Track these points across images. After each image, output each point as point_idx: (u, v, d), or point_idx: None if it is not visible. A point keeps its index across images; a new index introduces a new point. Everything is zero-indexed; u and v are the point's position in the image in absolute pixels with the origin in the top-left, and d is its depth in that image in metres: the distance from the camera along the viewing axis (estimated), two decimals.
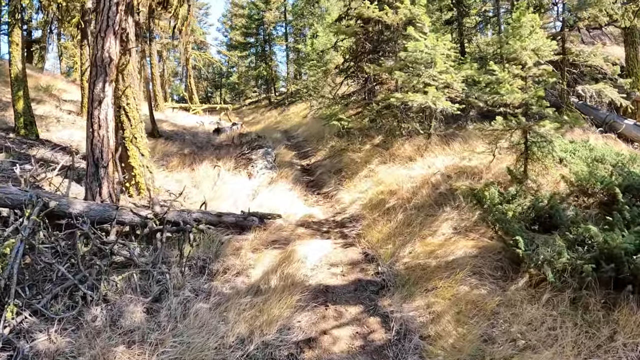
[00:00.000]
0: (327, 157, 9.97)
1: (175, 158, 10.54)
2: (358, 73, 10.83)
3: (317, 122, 16.45)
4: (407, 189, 6.61)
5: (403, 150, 8.53)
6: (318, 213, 6.67)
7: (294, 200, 6.94)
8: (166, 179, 8.55)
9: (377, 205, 6.37)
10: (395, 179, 7.09)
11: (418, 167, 7.52)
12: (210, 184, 7.85)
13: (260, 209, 6.37)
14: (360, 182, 7.52)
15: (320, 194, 7.88)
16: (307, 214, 6.33)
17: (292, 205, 6.63)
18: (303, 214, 6.33)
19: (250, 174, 7.95)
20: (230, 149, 11.96)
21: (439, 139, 8.80)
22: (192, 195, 7.55)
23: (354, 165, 8.44)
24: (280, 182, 7.61)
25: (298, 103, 25.15)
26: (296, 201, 6.92)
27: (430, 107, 8.07)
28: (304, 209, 6.72)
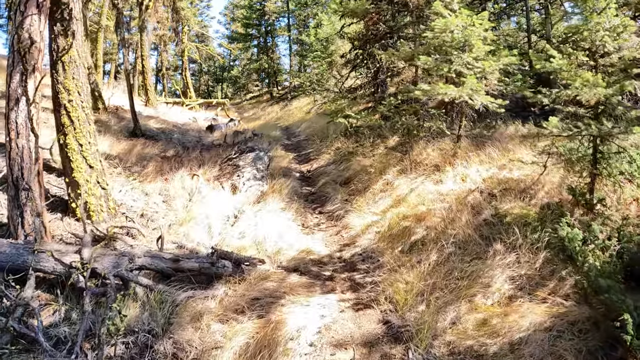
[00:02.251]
0: (331, 162, 8.29)
1: (153, 163, 8.90)
2: (368, 61, 9.11)
3: (321, 118, 14.76)
4: (439, 212, 4.92)
5: (426, 156, 6.82)
6: (319, 245, 4.99)
7: (288, 225, 5.28)
8: (132, 192, 6.91)
9: (399, 236, 4.68)
10: (420, 197, 5.41)
11: (449, 180, 5.82)
12: (184, 200, 6.21)
13: (241, 240, 4.73)
14: (374, 199, 5.84)
15: (323, 213, 6.20)
16: (304, 249, 4.65)
17: (284, 233, 4.97)
18: (298, 248, 4.66)
19: (234, 186, 6.31)
20: (220, 151, 10.30)
21: (468, 143, 7.09)
22: (159, 216, 5.92)
23: (366, 174, 6.75)
24: (271, 198, 5.95)
25: (301, 97, 23.55)
26: (290, 227, 5.25)
27: (463, 102, 6.35)
28: (301, 238, 5.05)
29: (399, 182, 5.91)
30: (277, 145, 11.02)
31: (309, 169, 8.68)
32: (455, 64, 5.98)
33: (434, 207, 5.05)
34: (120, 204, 6.38)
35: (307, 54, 23.00)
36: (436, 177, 5.97)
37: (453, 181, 5.86)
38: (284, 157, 9.17)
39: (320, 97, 19.30)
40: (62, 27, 5.53)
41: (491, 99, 5.83)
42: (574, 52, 4.93)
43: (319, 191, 7.03)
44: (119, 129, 12.19)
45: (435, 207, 5.07)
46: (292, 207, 5.86)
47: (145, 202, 6.56)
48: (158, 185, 7.18)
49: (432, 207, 5.05)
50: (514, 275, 3.92)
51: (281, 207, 5.68)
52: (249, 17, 31.75)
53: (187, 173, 7.15)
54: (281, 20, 33.26)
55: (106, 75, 37.28)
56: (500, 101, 5.92)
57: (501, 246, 4.39)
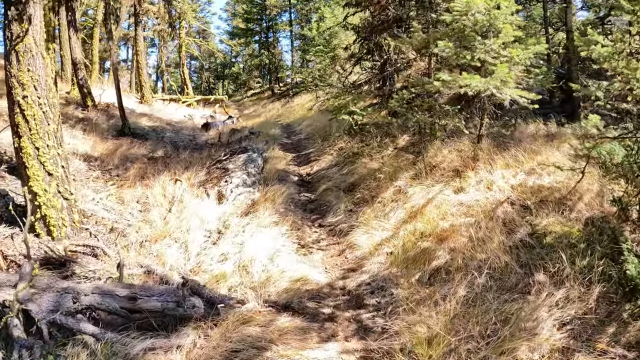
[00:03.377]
0: (334, 164, 7.42)
1: (137, 165, 8.07)
2: (375, 52, 8.22)
3: (323, 115, 13.87)
4: (464, 229, 4.06)
5: (442, 159, 5.95)
6: (318, 271, 4.12)
7: (281, 243, 4.41)
8: (107, 200, 6.08)
9: (416, 261, 3.82)
10: (440, 209, 4.55)
11: (471, 188, 4.95)
12: (164, 210, 5.38)
13: (222, 264, 3.89)
14: (384, 211, 4.97)
15: (324, 226, 5.34)
16: (299, 277, 3.77)
17: (276, 254, 4.11)
18: (292, 275, 3.78)
19: (221, 194, 5.45)
20: (212, 151, 9.46)
21: (489, 143, 6.22)
22: (132, 230, 5.08)
23: (373, 180, 5.87)
24: (263, 208, 5.08)
25: (303, 94, 22.69)
26: (284, 245, 4.38)
27: (486, 96, 5.47)
28: (296, 261, 4.18)
29: (413, 190, 5.03)
30: (275, 144, 10.16)
31: (308, 171, 7.81)
32: (479, 52, 5.08)
33: (458, 223, 4.18)
34: (89, 215, 5.55)
35: (309, 48, 22.09)
36: (456, 184, 5.10)
37: (476, 189, 4.98)
38: (281, 159, 8.31)
39: (322, 93, 18.42)
40: (17, 10, 4.68)
41: (521, 93, 4.94)
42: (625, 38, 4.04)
43: (320, 199, 6.15)
44: (106, 127, 11.37)
45: (458, 222, 4.20)
46: (287, 219, 4.99)
47: (119, 212, 5.73)
48: (137, 192, 6.35)
49: (455, 223, 4.18)
50: (564, 317, 3.06)
51: (273, 220, 4.80)
52: (250, 12, 30.89)
53: (170, 177, 6.30)
54: (283, 15, 32.41)
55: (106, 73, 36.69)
56: (533, 95, 5.03)
57: (544, 276, 3.53)
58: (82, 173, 7.50)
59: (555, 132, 7.12)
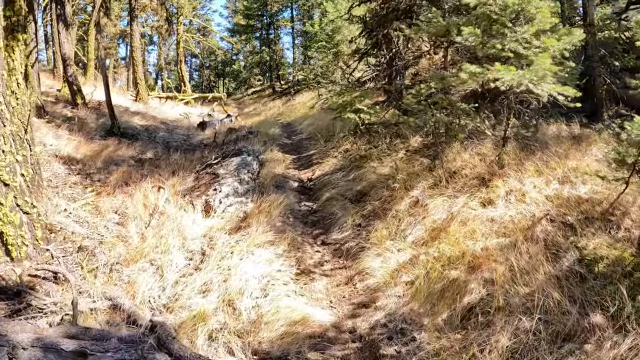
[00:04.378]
0: (338, 169, 6.67)
1: (122, 169, 7.36)
2: (383, 45, 7.47)
3: (325, 114, 13.12)
4: (498, 253, 3.32)
5: (463, 164, 5.20)
6: (320, 307, 3.37)
7: (277, 267, 3.66)
8: (82, 210, 5.36)
9: (443, 295, 3.08)
10: (467, 227, 3.81)
11: (501, 200, 4.20)
12: (142, 224, 4.66)
13: (204, 297, 3.16)
14: (399, 227, 4.22)
15: (328, 244, 4.59)
16: (298, 319, 3.02)
17: (270, 283, 3.38)
18: (289, 315, 3.04)
19: (208, 205, 4.72)
20: (205, 152, 8.75)
21: (514, 146, 5.50)
22: (104, 248, 4.36)
23: (385, 188, 5.11)
24: (257, 223, 4.32)
25: (304, 92, 21.97)
26: (280, 271, 3.63)
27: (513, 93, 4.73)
28: (294, 292, 3.42)
29: (433, 203, 4.28)
30: (274, 145, 9.42)
31: (310, 176, 7.06)
32: (508, 41, 4.33)
33: (491, 245, 3.44)
34: (58, 229, 4.82)
35: (310, 44, 21.35)
36: (483, 195, 4.35)
37: (507, 201, 4.24)
38: (280, 161, 7.57)
39: (325, 90, 17.71)
40: None
41: (562, 89, 4.19)
42: None
43: (323, 209, 5.40)
44: (95, 126, 10.66)
45: (492, 244, 3.46)
46: (284, 237, 4.23)
47: (93, 225, 5.00)
48: (117, 201, 5.62)
49: (487, 246, 3.44)
50: None
51: (268, 239, 4.06)
52: (250, 8, 30.08)
53: (154, 184, 5.58)
54: (284, 11, 31.63)
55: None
56: (573, 92, 4.27)
57: (603, 318, 2.79)
58: (61, 178, 6.79)
59: (579, 133, 6.41)
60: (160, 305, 3.25)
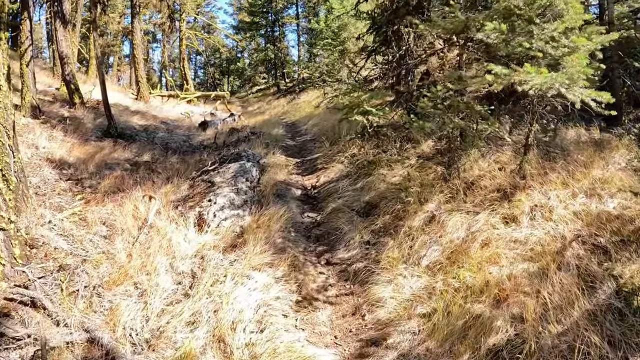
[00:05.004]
0: (344, 175, 6.23)
1: (115, 174, 6.98)
2: (392, 41, 7.01)
3: (331, 113, 12.68)
4: (526, 282, 2.89)
5: (481, 173, 4.76)
6: (324, 344, 2.94)
7: (275, 293, 3.23)
8: (68, 221, 4.98)
9: (465, 334, 2.65)
10: (489, 249, 3.37)
11: (525, 217, 3.76)
12: (131, 239, 4.26)
13: (191, 330, 2.75)
14: (412, 246, 3.78)
15: (333, 264, 4.14)
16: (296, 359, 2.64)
17: (267, 314, 2.96)
18: (288, 354, 2.63)
19: (201, 218, 4.31)
20: (204, 155, 8.35)
21: (535, 153, 5.06)
22: (88, 267, 3.97)
23: (397, 200, 4.66)
24: (253, 240, 3.88)
25: (310, 90, 21.54)
26: (279, 299, 3.20)
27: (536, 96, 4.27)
28: (293, 325, 3.01)
29: (449, 219, 3.84)
30: (277, 148, 8.99)
31: (314, 183, 6.62)
32: (537, 39, 3.87)
33: (517, 272, 3.01)
34: (40, 244, 4.45)
35: (316, 41, 20.87)
36: (505, 210, 3.91)
37: (532, 218, 3.79)
38: (282, 166, 7.14)
39: (330, 89, 17.27)
40: None
41: (596, 94, 3.73)
42: None
43: (328, 222, 4.95)
44: (92, 127, 10.28)
45: (518, 271, 3.02)
46: (284, 257, 3.80)
47: (78, 239, 4.61)
48: (105, 211, 5.23)
49: (513, 273, 3.01)
50: None
51: (266, 261, 3.63)
52: (255, 5, 29.63)
53: (145, 193, 5.19)
54: (289, 8, 31.15)
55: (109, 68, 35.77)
56: (607, 97, 3.81)
57: None
58: (50, 184, 6.41)
59: (599, 138, 5.96)
60: (143, 340, 2.85)
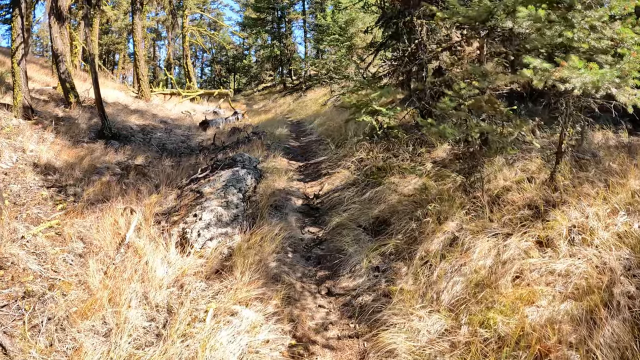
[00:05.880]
0: (351, 183, 5.63)
1: (103, 179, 6.46)
2: (404, 34, 6.39)
3: (338, 112, 12.09)
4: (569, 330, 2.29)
5: (506, 184, 4.15)
6: None
7: (265, 335, 2.66)
8: (43, 237, 4.46)
9: None
10: (523, 284, 2.77)
11: (563, 242, 3.15)
12: (107, 259, 3.73)
13: None
14: (429, 275, 3.17)
15: (335, 295, 3.50)
16: None
17: None
18: None
19: (184, 237, 3.74)
20: (201, 158, 7.81)
21: (567, 162, 4.46)
22: (55, 293, 3.45)
23: (410, 217, 4.04)
24: (242, 266, 3.28)
25: (316, 88, 20.98)
26: (270, 339, 2.65)
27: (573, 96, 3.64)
28: None
29: (474, 243, 3.24)
30: (279, 149, 8.41)
31: (317, 191, 6.00)
32: (579, 28, 3.24)
33: (558, 315, 2.41)
34: (9, 264, 3.94)
35: (323, 37, 20.26)
36: (537, 231, 3.29)
37: (570, 242, 3.18)
38: (283, 171, 6.53)
39: (337, 86, 16.69)
40: None
41: None
42: None
43: (331, 239, 4.33)
44: (86, 127, 9.78)
45: (559, 313, 2.43)
46: (278, 288, 3.21)
47: (51, 258, 4.08)
48: (86, 224, 4.70)
49: (553, 316, 2.41)
50: None
51: (256, 293, 3.04)
52: (261, 0, 29.00)
53: (127, 205, 4.65)
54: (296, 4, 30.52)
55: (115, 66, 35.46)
56: None
57: None
58: (31, 192, 5.90)
59: (629, 142, 5.33)
60: None
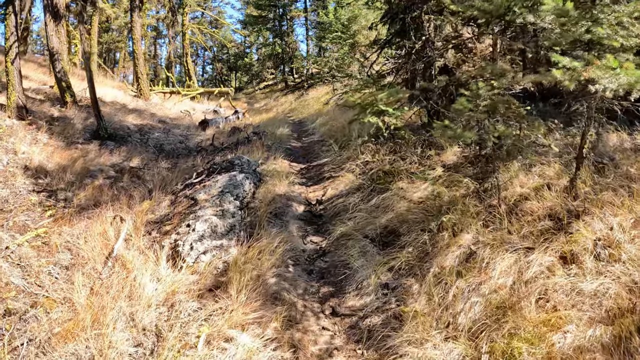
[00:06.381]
0: (356, 188, 5.32)
1: (96, 183, 6.19)
2: (410, 30, 6.08)
3: (340, 111, 11.78)
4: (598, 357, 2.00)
5: (523, 191, 3.85)
6: None
7: None
8: (29, 247, 4.20)
9: None
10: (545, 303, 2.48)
11: (588, 258, 2.85)
12: (94, 272, 3.46)
13: None
14: (447, 299, 2.87)
15: (341, 315, 3.14)
16: None
17: None
18: None
19: (175, 250, 3.45)
20: (198, 160, 7.53)
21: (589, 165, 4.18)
22: (38, 312, 3.18)
23: (421, 225, 3.76)
24: (238, 283, 2.98)
25: (318, 86, 20.67)
26: None
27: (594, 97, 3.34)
28: None
29: (492, 258, 2.95)
30: (280, 151, 8.11)
31: (320, 196, 5.69)
32: (608, 23, 2.94)
33: (587, 343, 2.12)
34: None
35: (325, 34, 19.94)
36: (559, 245, 3.00)
37: (595, 257, 2.89)
38: (283, 175, 6.23)
39: (340, 85, 16.37)
40: None
41: None
42: None
43: (336, 250, 4.01)
44: (82, 128, 9.50)
45: (587, 340, 2.14)
46: (277, 309, 2.92)
47: (36, 271, 3.81)
48: (75, 232, 4.42)
49: (582, 343, 2.13)
50: None
51: (253, 317, 2.75)
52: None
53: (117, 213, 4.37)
54: (297, 1, 30.25)
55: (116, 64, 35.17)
56: None
57: None
58: (20, 197, 5.63)
59: None
60: None
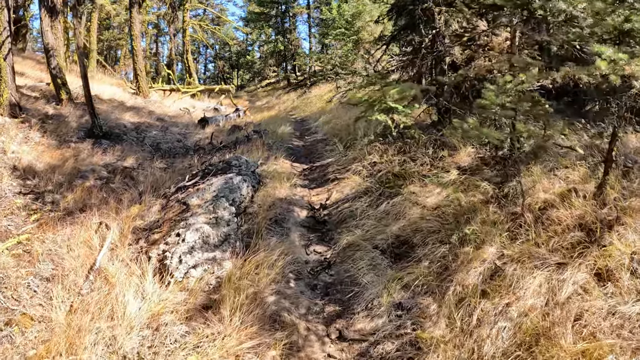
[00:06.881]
0: (363, 192, 4.94)
1: (86, 184, 5.86)
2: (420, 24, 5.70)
3: (344, 109, 11.41)
4: None
5: (549, 198, 3.49)
6: None
7: None
8: (9, 256, 3.87)
9: None
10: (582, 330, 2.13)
11: (624, 274, 2.50)
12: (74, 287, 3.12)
13: None
14: (471, 323, 2.52)
15: (349, 340, 2.64)
16: None
17: None
18: None
19: (162, 264, 3.09)
20: (195, 160, 7.19)
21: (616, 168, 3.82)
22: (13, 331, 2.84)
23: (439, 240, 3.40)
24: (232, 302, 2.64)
25: (321, 84, 20.34)
26: None
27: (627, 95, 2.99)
28: None
29: (521, 275, 2.60)
30: (281, 150, 7.75)
31: (324, 200, 5.30)
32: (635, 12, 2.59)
33: None
34: None
35: (328, 31, 19.57)
36: (592, 260, 2.65)
37: (632, 273, 2.54)
38: (285, 176, 5.84)
39: (344, 82, 16.01)
40: None
41: None
42: None
43: (342, 262, 3.61)
44: (76, 125, 9.17)
45: None
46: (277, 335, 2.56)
47: (13, 284, 3.48)
48: (59, 239, 4.09)
49: None
50: None
51: (249, 345, 2.40)
52: None
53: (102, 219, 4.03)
54: None
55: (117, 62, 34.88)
56: None
57: None
58: (5, 200, 5.30)
59: None
60: None
